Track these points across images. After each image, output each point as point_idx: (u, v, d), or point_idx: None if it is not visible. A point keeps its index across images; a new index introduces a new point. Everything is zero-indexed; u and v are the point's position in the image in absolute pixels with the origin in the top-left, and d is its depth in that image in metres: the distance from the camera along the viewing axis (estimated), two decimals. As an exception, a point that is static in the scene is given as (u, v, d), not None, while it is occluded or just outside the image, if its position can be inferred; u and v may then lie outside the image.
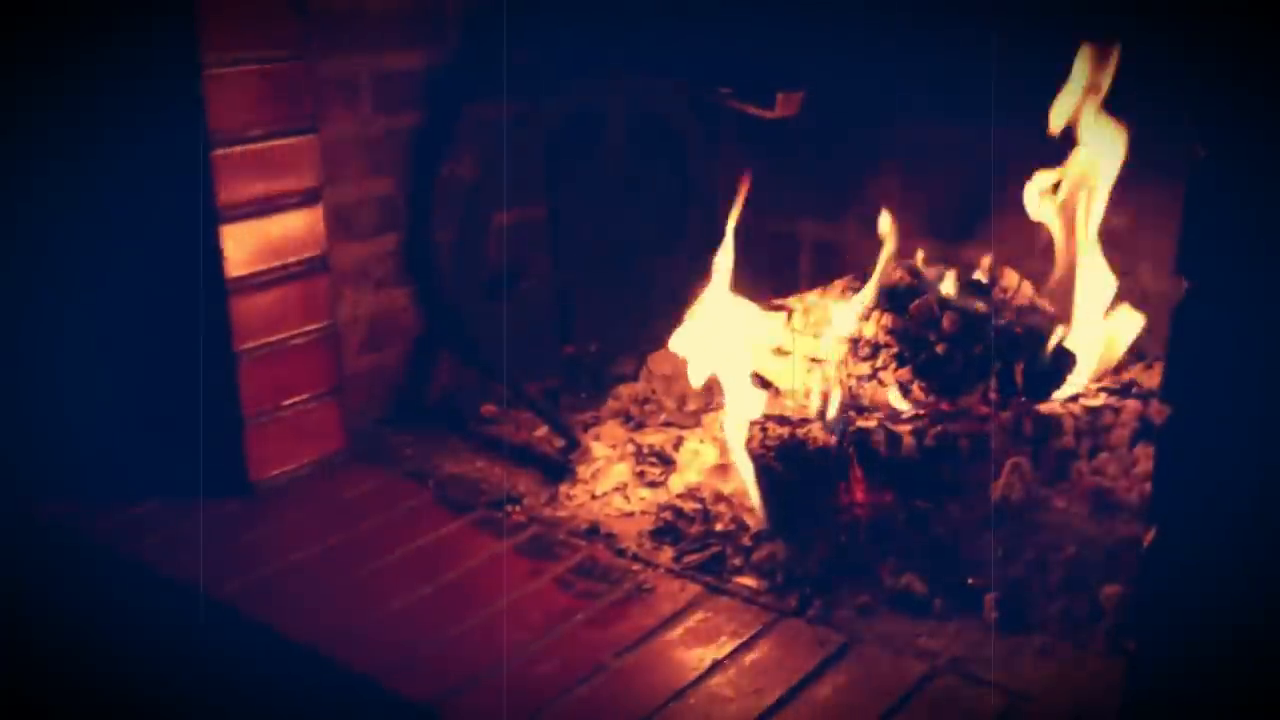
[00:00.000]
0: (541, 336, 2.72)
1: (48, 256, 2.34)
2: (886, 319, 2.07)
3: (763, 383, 2.24)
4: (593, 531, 2.08)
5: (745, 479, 2.03)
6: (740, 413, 2.08)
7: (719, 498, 2.10)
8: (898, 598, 1.83)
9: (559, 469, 2.27)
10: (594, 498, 2.18)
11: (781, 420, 2.02)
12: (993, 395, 1.99)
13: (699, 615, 1.84)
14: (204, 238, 2.12)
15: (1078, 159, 2.12)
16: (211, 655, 1.95)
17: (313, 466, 2.31)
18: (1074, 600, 1.77)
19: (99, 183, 2.26)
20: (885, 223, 2.23)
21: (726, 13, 2.51)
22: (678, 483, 2.18)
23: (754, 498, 2.01)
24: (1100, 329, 2.13)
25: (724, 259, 2.24)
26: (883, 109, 2.46)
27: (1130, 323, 2.13)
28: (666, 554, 2.01)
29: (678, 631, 1.81)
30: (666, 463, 2.25)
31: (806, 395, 2.13)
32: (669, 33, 2.53)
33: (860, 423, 1.96)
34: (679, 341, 2.27)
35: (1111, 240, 2.18)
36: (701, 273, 2.27)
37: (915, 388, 2.02)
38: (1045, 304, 2.17)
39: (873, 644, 1.75)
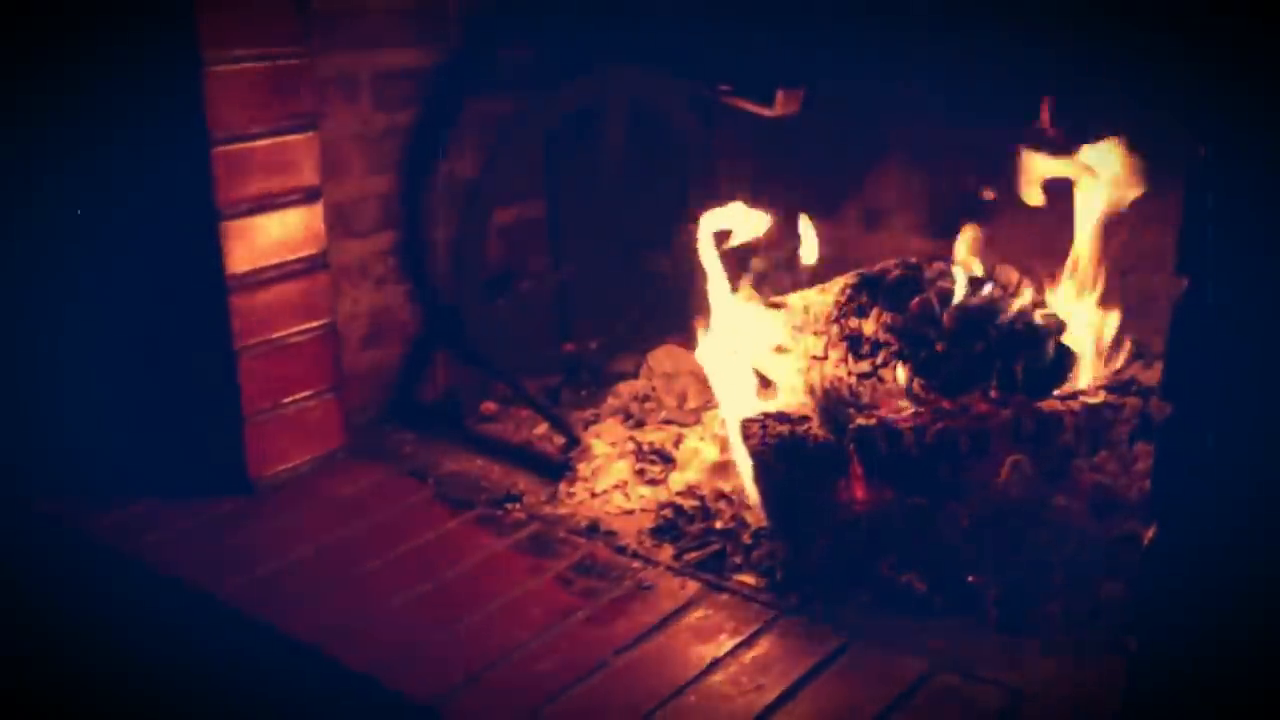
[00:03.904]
0: (541, 334, 2.72)
1: (48, 255, 2.34)
2: (886, 317, 2.06)
3: (763, 381, 2.24)
4: (593, 529, 2.08)
5: (745, 477, 2.03)
6: (740, 411, 2.08)
7: (719, 495, 2.10)
8: (898, 596, 1.83)
9: (559, 467, 2.27)
10: (594, 495, 2.19)
11: (781, 418, 2.02)
12: (993, 393, 1.99)
13: (699, 613, 1.85)
14: (204, 235, 2.12)
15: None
16: (211, 653, 1.95)
17: (312, 464, 2.32)
18: (1074, 599, 1.77)
19: (99, 181, 2.26)
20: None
21: (727, 10, 2.51)
22: (678, 480, 2.18)
23: (754, 496, 2.02)
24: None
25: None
26: (883, 108, 2.46)
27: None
28: (666, 552, 2.01)
29: (678, 629, 1.81)
30: (666, 460, 2.25)
31: (806, 392, 2.13)
32: (669, 30, 2.52)
33: (860, 421, 1.96)
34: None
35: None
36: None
37: (915, 385, 2.02)
38: (1045, 302, 2.17)
39: (873, 642, 1.75)
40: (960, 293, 2.09)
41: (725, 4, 2.52)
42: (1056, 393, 2.05)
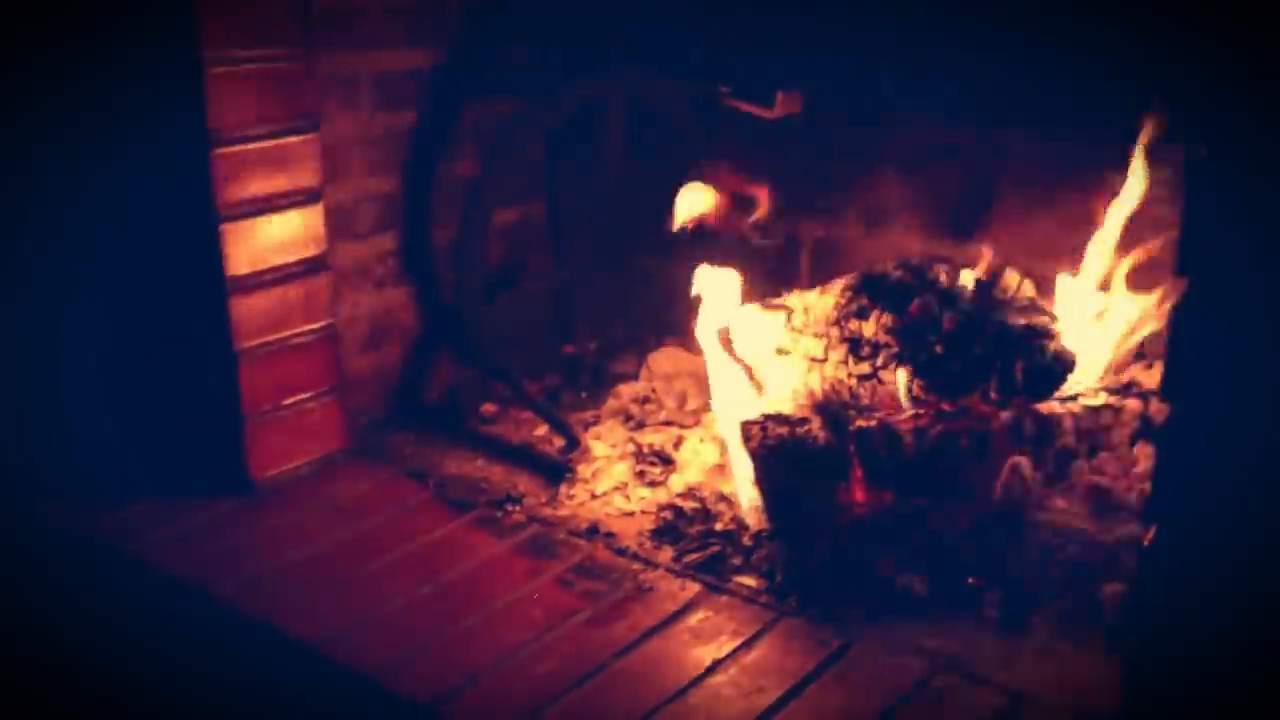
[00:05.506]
0: (541, 335, 2.72)
1: (48, 256, 2.34)
2: (886, 319, 2.06)
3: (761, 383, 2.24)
4: (593, 531, 2.08)
5: (745, 479, 2.03)
6: (739, 412, 2.08)
7: (719, 497, 2.10)
8: (898, 598, 1.83)
9: (559, 468, 2.27)
10: (594, 497, 2.19)
11: (781, 420, 2.02)
12: (993, 395, 1.99)
13: (699, 615, 1.84)
14: (205, 237, 2.12)
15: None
16: (212, 655, 1.95)
17: (313, 465, 2.32)
18: (1074, 600, 1.77)
19: (99, 182, 2.26)
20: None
21: (727, 11, 2.51)
22: (678, 482, 2.18)
23: (754, 497, 2.01)
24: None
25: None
26: (883, 108, 2.46)
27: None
28: (667, 553, 2.01)
29: (678, 631, 1.81)
30: (667, 462, 2.25)
31: (806, 394, 2.13)
32: (669, 31, 2.53)
33: (860, 423, 1.96)
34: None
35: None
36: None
37: (915, 387, 2.02)
38: (1045, 303, 2.17)
39: (873, 643, 1.75)
40: (961, 295, 2.09)
41: (726, 5, 2.52)
42: (1056, 395, 2.05)
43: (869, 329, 2.07)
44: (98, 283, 2.32)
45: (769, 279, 2.38)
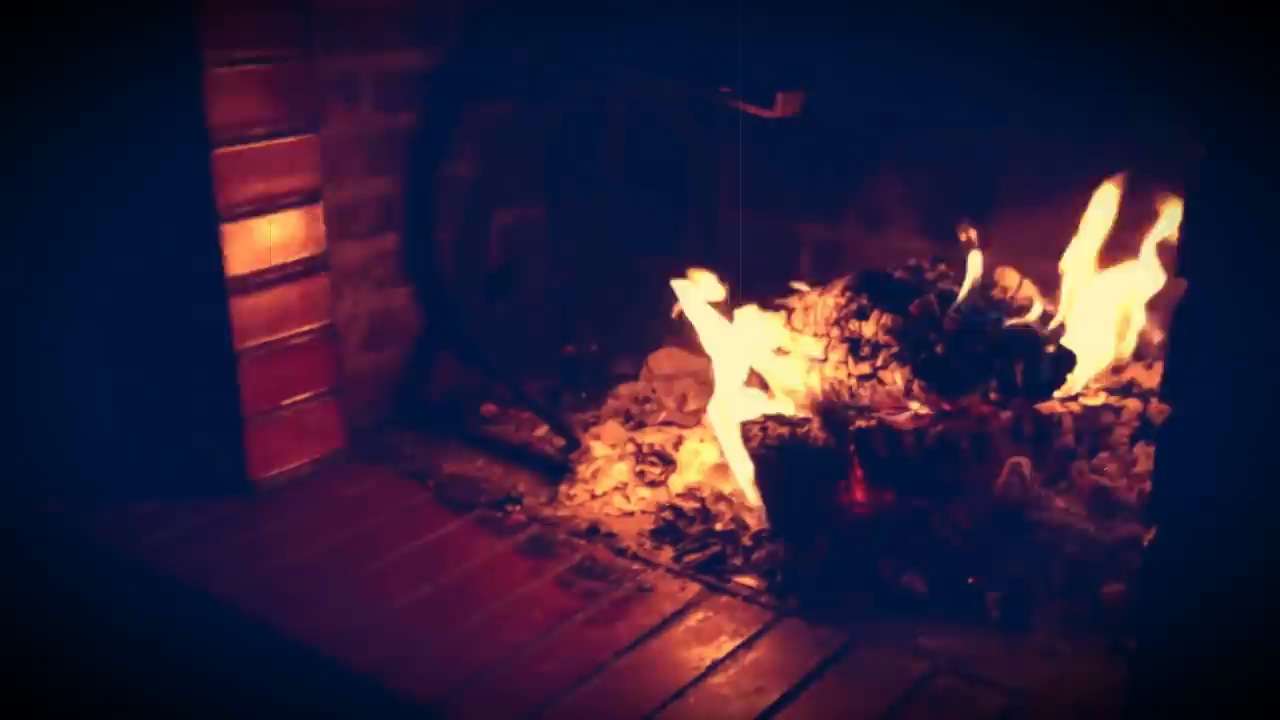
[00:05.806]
0: (541, 336, 2.72)
1: (48, 256, 2.34)
2: (886, 319, 2.06)
3: (761, 383, 2.24)
4: (593, 531, 2.08)
5: (744, 479, 2.03)
6: (739, 412, 2.08)
7: (719, 497, 2.10)
8: (898, 598, 1.83)
9: (559, 468, 2.27)
10: (594, 497, 2.19)
11: (781, 420, 2.02)
12: (993, 395, 1.99)
13: (699, 615, 1.85)
14: (204, 237, 2.12)
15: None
16: (212, 655, 1.95)
17: (313, 466, 2.32)
18: (1074, 600, 1.77)
19: (99, 182, 2.26)
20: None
21: (727, 12, 2.51)
22: (678, 482, 2.18)
23: (754, 498, 2.02)
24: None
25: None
26: (883, 109, 2.46)
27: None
28: (667, 553, 2.01)
29: (678, 631, 1.81)
30: (667, 462, 2.25)
31: (806, 394, 2.13)
32: (669, 32, 2.53)
33: (860, 423, 1.96)
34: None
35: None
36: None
37: (915, 387, 2.02)
38: (1046, 303, 2.17)
39: (873, 643, 1.75)
40: (961, 294, 2.09)
41: (725, 6, 2.52)
42: (1056, 394, 2.05)
43: (869, 329, 2.07)
44: (98, 283, 2.32)
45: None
